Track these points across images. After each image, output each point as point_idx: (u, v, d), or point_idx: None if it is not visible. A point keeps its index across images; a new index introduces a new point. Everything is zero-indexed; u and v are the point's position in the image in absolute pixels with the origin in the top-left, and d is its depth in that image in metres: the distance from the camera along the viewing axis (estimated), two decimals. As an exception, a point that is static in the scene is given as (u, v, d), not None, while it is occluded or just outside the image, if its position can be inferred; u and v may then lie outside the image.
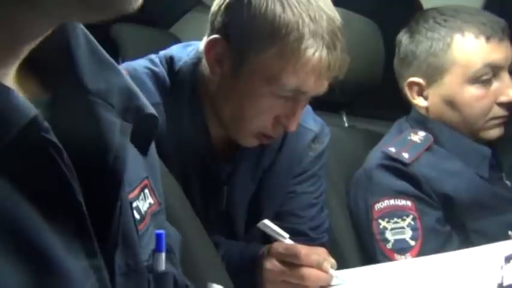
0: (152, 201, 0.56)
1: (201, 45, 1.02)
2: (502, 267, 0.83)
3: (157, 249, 0.53)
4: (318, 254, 0.98)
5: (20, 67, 0.42)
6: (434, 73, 1.28)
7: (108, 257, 0.43)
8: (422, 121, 1.32)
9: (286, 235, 0.99)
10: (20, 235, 0.36)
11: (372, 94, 1.54)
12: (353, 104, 1.64)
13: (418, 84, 1.30)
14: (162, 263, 0.53)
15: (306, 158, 1.15)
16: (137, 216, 0.51)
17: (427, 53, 1.28)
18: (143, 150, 0.51)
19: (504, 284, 0.81)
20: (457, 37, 1.25)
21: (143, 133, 0.50)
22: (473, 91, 1.25)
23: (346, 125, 1.66)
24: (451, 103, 1.27)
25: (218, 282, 0.87)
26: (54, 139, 0.38)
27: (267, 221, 0.98)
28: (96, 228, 0.41)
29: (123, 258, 0.47)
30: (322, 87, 0.99)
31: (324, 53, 0.94)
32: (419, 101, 1.31)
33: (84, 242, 0.40)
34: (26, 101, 0.37)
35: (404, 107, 1.41)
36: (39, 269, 0.37)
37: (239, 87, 0.97)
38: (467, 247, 1.16)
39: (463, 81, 1.25)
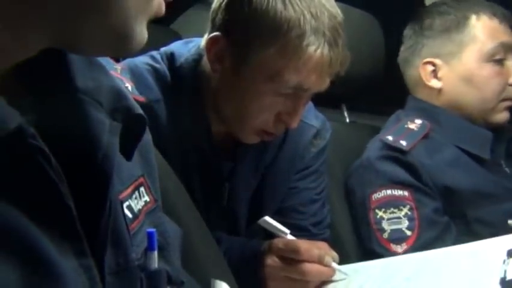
0: (148, 199, 0.56)
1: (202, 42, 1.02)
2: (504, 261, 0.83)
3: (149, 248, 0.53)
4: (319, 248, 0.98)
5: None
6: (451, 51, 1.31)
7: (98, 256, 0.43)
8: (422, 108, 1.34)
9: (287, 231, 0.99)
10: (10, 236, 0.36)
11: (373, 89, 1.54)
12: (354, 99, 1.63)
13: (433, 64, 1.32)
14: (155, 261, 0.53)
15: (308, 154, 1.15)
16: (129, 215, 0.51)
17: (442, 32, 1.32)
18: (129, 152, 0.50)
19: (507, 278, 0.81)
20: (473, 16, 1.30)
21: (131, 134, 0.49)
22: (489, 68, 1.29)
23: (347, 120, 1.66)
24: (468, 81, 1.30)
25: (221, 278, 0.87)
26: (42, 145, 0.38)
27: (267, 218, 0.98)
28: (85, 228, 0.41)
29: (113, 257, 0.46)
30: (323, 84, 0.99)
31: (326, 49, 0.93)
32: (433, 83, 1.33)
33: (73, 243, 0.40)
34: (9, 108, 0.36)
35: (405, 102, 1.40)
36: (32, 269, 0.36)
37: (240, 85, 0.97)
38: (469, 236, 1.15)
39: (479, 59, 1.29)
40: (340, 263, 1.01)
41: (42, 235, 0.38)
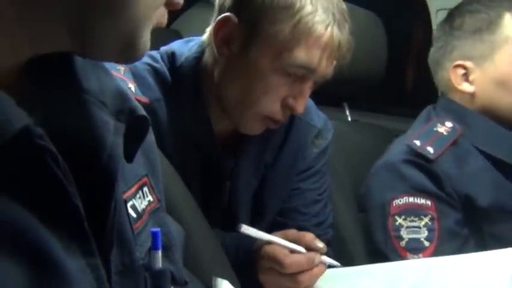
0: (151, 199, 0.56)
1: (207, 31, 1.03)
2: None
3: (153, 247, 0.53)
4: (306, 242, 0.96)
5: None
6: (483, 53, 1.24)
7: (104, 256, 0.43)
8: (453, 109, 1.28)
9: (266, 235, 0.96)
10: (18, 237, 0.36)
11: (374, 88, 1.53)
12: (356, 97, 1.63)
13: (464, 67, 1.26)
14: (159, 261, 0.53)
15: (310, 154, 1.15)
16: (133, 214, 0.51)
17: (473, 33, 1.24)
18: (131, 154, 0.50)
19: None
20: (507, 15, 1.23)
21: (134, 135, 0.49)
22: None
23: (349, 119, 1.66)
24: (502, 85, 1.23)
25: (222, 276, 0.87)
26: (49, 145, 0.38)
27: (244, 226, 0.93)
28: (91, 227, 0.41)
29: (119, 257, 0.47)
30: (329, 68, 0.99)
31: (335, 29, 0.95)
32: (465, 87, 1.26)
33: (81, 242, 0.40)
34: (17, 108, 0.37)
35: (408, 100, 1.40)
36: (41, 271, 0.37)
37: (248, 65, 0.97)
38: (481, 251, 1.13)
39: None
40: (343, 263, 1.00)
41: (50, 235, 0.38)
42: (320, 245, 0.97)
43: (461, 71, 1.26)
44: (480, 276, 0.86)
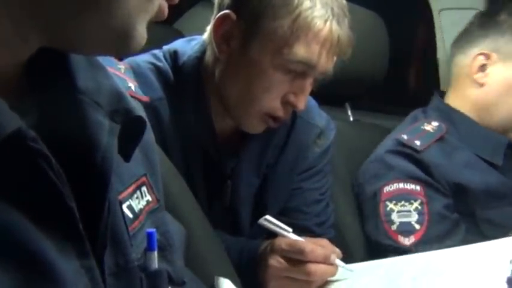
0: (150, 199, 0.56)
1: (207, 30, 1.03)
2: (511, 261, 0.83)
3: (149, 248, 0.53)
4: (323, 246, 0.97)
5: None
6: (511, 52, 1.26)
7: (98, 257, 0.43)
8: (441, 108, 1.32)
9: (290, 229, 0.98)
10: (9, 239, 0.36)
11: (376, 88, 1.53)
12: (358, 97, 1.63)
13: (488, 57, 1.28)
14: (155, 262, 0.53)
15: (312, 154, 1.15)
16: (130, 215, 0.51)
17: None
18: (127, 154, 0.50)
19: (514, 278, 0.81)
20: None
21: (130, 136, 0.49)
22: None
23: (351, 119, 1.65)
24: (510, 88, 1.26)
25: (224, 276, 0.86)
26: (43, 148, 0.38)
27: (269, 217, 0.97)
28: (85, 229, 0.41)
29: (113, 258, 0.47)
30: (329, 64, 0.99)
31: (334, 24, 0.95)
32: (478, 76, 1.28)
33: (75, 244, 0.40)
34: (9, 112, 0.37)
35: (409, 101, 1.40)
36: (31, 272, 0.37)
37: (248, 63, 0.97)
38: (477, 236, 1.16)
39: None
40: (345, 262, 1.00)
41: (43, 237, 0.38)
42: (336, 250, 0.98)
43: (483, 61, 1.28)
44: (480, 267, 0.88)
